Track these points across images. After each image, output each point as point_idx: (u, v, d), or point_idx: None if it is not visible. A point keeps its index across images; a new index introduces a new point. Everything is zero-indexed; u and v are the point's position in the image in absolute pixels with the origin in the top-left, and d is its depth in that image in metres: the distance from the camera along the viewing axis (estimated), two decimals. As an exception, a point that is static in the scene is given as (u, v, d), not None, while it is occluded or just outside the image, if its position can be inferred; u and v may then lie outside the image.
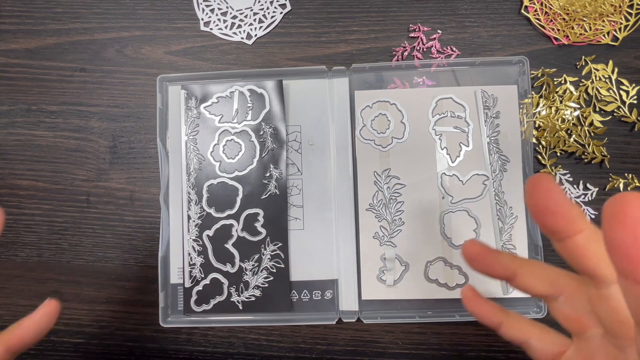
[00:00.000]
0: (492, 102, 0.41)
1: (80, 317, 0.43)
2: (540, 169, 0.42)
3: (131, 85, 0.44)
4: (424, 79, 0.42)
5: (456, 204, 0.41)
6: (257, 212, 0.41)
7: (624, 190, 0.41)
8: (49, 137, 0.44)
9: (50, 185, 0.44)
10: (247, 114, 0.42)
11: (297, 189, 0.42)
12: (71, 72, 0.45)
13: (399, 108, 0.42)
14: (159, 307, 0.41)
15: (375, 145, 0.42)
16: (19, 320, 0.29)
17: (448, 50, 0.43)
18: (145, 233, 0.43)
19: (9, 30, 0.45)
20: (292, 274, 0.41)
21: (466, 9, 0.43)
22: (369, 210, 0.41)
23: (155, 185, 0.43)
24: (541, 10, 0.43)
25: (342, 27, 0.44)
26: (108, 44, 0.45)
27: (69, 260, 0.43)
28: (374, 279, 0.41)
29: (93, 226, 0.44)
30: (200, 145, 0.42)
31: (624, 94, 0.42)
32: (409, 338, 0.42)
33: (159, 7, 0.45)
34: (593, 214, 0.41)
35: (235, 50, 0.44)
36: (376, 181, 0.41)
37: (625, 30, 0.42)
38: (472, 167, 0.41)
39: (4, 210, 0.28)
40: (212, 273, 0.41)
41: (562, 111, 0.41)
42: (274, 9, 0.44)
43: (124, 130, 0.44)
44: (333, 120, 0.42)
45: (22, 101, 0.45)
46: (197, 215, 0.41)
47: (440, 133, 0.41)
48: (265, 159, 0.42)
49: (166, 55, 0.44)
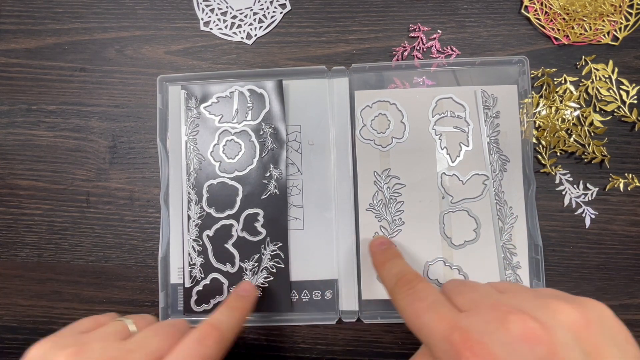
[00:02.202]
0: (492, 102, 0.41)
1: (80, 317, 0.43)
2: (540, 168, 0.42)
3: (131, 85, 0.44)
4: (424, 78, 0.42)
5: (456, 204, 0.41)
6: (257, 212, 0.41)
7: (624, 190, 0.41)
8: (49, 137, 0.44)
9: (50, 185, 0.44)
10: (247, 114, 0.42)
11: (297, 189, 0.42)
12: (71, 72, 0.45)
13: (399, 108, 0.42)
14: (159, 307, 0.41)
15: (375, 145, 0.42)
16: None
17: (448, 50, 0.43)
18: (145, 233, 0.43)
19: (9, 30, 0.45)
20: (292, 274, 0.41)
21: (466, 9, 0.43)
22: (369, 210, 0.41)
23: (155, 185, 0.43)
24: (541, 10, 0.43)
25: (342, 27, 0.44)
26: (108, 44, 0.45)
27: (69, 260, 0.43)
28: (374, 279, 0.41)
29: (93, 226, 0.44)
30: (200, 145, 0.42)
31: (624, 94, 0.42)
32: (409, 338, 0.41)
33: (159, 7, 0.45)
34: (593, 214, 0.41)
35: (235, 50, 0.44)
36: (376, 181, 0.41)
37: (625, 30, 0.42)
38: (472, 167, 0.41)
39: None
40: (212, 273, 0.41)
41: (562, 111, 0.41)
42: (274, 9, 0.44)
43: (124, 130, 0.44)
44: (333, 120, 0.42)
45: (22, 101, 0.45)
46: (197, 215, 0.41)
47: (440, 133, 0.41)
48: (265, 159, 0.42)
49: (166, 55, 0.44)
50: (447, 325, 0.22)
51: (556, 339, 0.20)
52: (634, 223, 0.41)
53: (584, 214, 0.42)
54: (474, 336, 0.20)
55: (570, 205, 0.42)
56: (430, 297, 0.24)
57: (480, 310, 0.22)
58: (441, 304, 0.24)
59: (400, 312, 0.26)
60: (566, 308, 0.21)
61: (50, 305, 0.43)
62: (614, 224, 0.41)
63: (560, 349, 0.19)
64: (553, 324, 0.20)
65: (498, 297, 0.24)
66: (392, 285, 0.28)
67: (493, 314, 0.21)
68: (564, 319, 0.21)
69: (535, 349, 0.19)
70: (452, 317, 0.22)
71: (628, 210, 0.41)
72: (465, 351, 0.20)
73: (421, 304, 0.24)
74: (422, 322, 0.23)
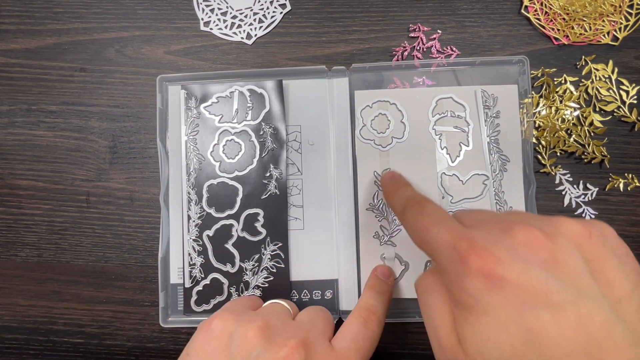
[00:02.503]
0: (492, 102, 0.41)
1: (80, 317, 0.43)
2: (540, 168, 0.42)
3: (131, 85, 0.44)
4: (424, 79, 0.42)
5: (456, 204, 0.41)
6: (257, 212, 0.41)
7: (624, 190, 0.41)
8: (49, 137, 0.44)
9: (50, 185, 0.44)
10: (247, 114, 0.42)
11: (297, 189, 0.42)
12: (71, 72, 0.45)
13: (398, 108, 0.42)
14: (159, 307, 0.41)
15: (375, 145, 0.42)
16: None
17: (448, 50, 0.43)
18: (145, 233, 0.43)
19: (9, 30, 0.45)
20: (292, 274, 0.41)
21: (466, 9, 0.43)
22: (369, 209, 0.41)
23: (155, 185, 0.43)
24: (541, 10, 0.43)
25: (342, 27, 0.44)
26: (108, 44, 0.45)
27: (69, 260, 0.43)
28: (374, 278, 0.41)
29: (93, 226, 0.44)
30: (200, 145, 0.42)
31: (624, 94, 0.42)
32: (409, 338, 0.41)
33: (159, 7, 0.45)
34: (593, 214, 0.41)
35: (235, 50, 0.44)
36: (376, 181, 0.41)
37: (625, 30, 0.42)
38: (472, 166, 0.41)
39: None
40: (212, 273, 0.41)
41: (562, 111, 0.41)
42: (274, 9, 0.44)
43: (124, 130, 0.44)
44: (333, 120, 0.42)
45: (22, 101, 0.45)
46: (197, 215, 0.41)
47: (440, 133, 0.41)
48: (265, 159, 0.42)
49: (166, 55, 0.44)
50: (454, 236, 0.23)
51: (559, 245, 0.21)
52: (634, 223, 0.41)
53: (584, 214, 0.42)
54: (480, 243, 0.21)
55: (570, 205, 0.42)
56: (438, 214, 0.25)
57: (486, 225, 0.23)
58: (449, 220, 0.24)
59: (408, 229, 0.27)
60: (570, 222, 0.22)
61: (50, 305, 0.43)
62: (614, 224, 0.41)
63: (562, 254, 0.21)
64: (557, 235, 0.21)
65: (504, 215, 0.25)
66: (402, 207, 0.28)
67: (498, 226, 0.22)
68: (566, 230, 0.22)
69: (539, 252, 0.21)
70: (459, 230, 0.23)
71: (628, 210, 0.41)
72: (470, 255, 0.21)
73: (429, 219, 0.25)
74: (429, 235, 0.24)
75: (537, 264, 0.20)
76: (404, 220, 0.28)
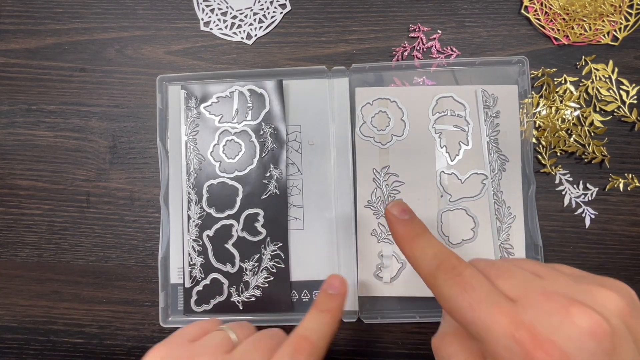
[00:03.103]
0: (492, 102, 0.41)
1: (80, 317, 0.43)
2: (540, 168, 0.42)
3: (131, 85, 0.44)
4: (424, 79, 0.42)
5: (454, 203, 0.41)
6: (257, 212, 0.41)
7: (624, 190, 0.41)
8: (49, 137, 0.44)
9: (50, 185, 0.44)
10: (247, 114, 0.42)
11: (297, 189, 0.42)
12: (71, 72, 0.45)
13: (399, 106, 0.42)
14: (159, 307, 0.41)
15: (375, 142, 0.42)
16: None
17: (448, 50, 0.43)
18: (145, 233, 0.43)
19: (9, 30, 0.45)
20: (292, 274, 0.41)
21: (466, 9, 0.43)
22: (367, 207, 0.41)
23: (155, 185, 0.43)
24: (541, 10, 0.43)
25: (342, 27, 0.44)
26: (108, 44, 0.45)
27: (68, 260, 0.43)
28: (371, 276, 0.41)
29: (93, 226, 0.44)
30: (200, 145, 0.42)
31: (624, 94, 0.42)
32: (409, 338, 0.41)
33: (159, 7, 0.45)
34: (593, 214, 0.41)
35: (235, 50, 0.44)
36: (375, 178, 0.41)
37: (625, 30, 0.42)
38: (471, 166, 0.41)
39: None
40: (212, 273, 0.41)
41: (562, 111, 0.41)
42: (274, 9, 0.44)
43: (124, 130, 0.44)
44: (333, 120, 0.42)
45: (22, 101, 0.45)
46: (197, 216, 0.41)
47: (440, 131, 0.41)
48: (265, 159, 0.42)
49: (166, 55, 0.44)
50: (509, 320, 0.21)
51: (617, 332, 0.20)
52: (634, 223, 0.41)
53: (583, 214, 0.42)
54: (542, 333, 0.20)
55: (570, 205, 0.42)
56: (482, 287, 0.23)
57: (533, 300, 0.22)
58: (495, 295, 0.22)
59: (445, 301, 0.24)
60: (611, 295, 0.21)
61: (50, 305, 0.43)
62: (614, 224, 0.41)
63: (620, 341, 0.20)
64: (609, 315, 0.20)
65: (540, 282, 0.23)
66: (432, 270, 0.25)
67: (551, 305, 0.21)
68: (614, 308, 0.21)
69: (603, 343, 0.20)
70: (513, 312, 0.21)
71: (628, 210, 0.41)
72: (536, 351, 0.20)
73: (474, 295, 0.22)
74: (477, 316, 0.22)
75: (601, 356, 0.19)
76: (435, 288, 0.25)
